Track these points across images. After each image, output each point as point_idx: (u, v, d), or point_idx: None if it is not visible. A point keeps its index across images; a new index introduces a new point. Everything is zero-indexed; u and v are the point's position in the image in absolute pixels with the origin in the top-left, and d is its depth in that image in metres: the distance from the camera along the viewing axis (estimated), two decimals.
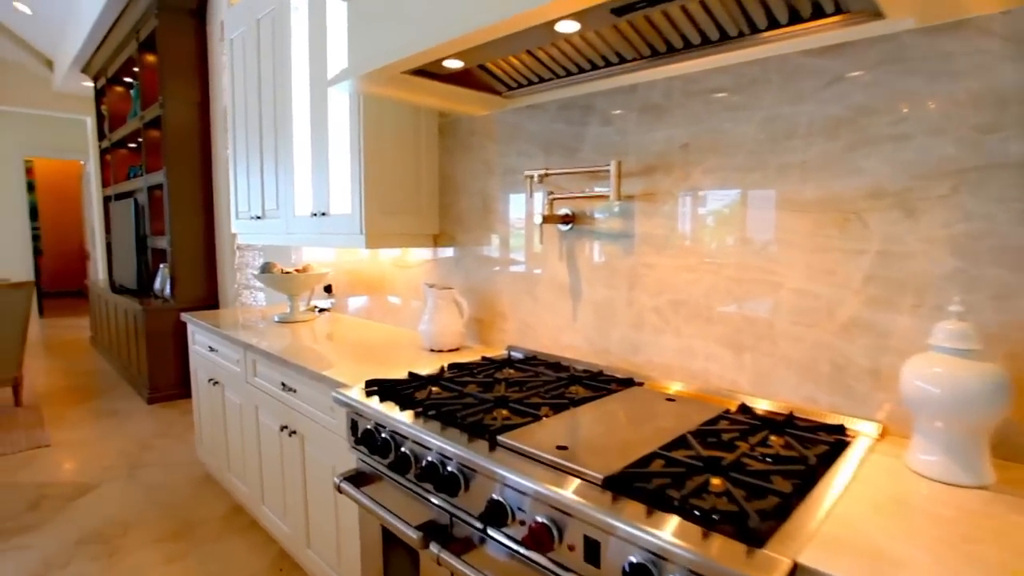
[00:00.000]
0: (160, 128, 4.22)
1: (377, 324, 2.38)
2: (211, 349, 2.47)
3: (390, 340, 2.04)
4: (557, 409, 1.22)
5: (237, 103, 2.68)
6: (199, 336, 2.63)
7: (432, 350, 1.83)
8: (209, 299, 4.37)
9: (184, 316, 2.67)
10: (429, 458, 1.12)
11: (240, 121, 2.66)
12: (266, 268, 2.49)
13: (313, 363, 1.68)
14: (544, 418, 1.16)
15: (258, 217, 2.54)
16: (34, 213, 9.43)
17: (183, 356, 4.25)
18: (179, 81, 4.14)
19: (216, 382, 2.43)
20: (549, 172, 1.61)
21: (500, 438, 1.05)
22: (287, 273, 2.44)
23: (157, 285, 4.63)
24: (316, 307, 2.77)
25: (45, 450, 3.27)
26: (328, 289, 2.75)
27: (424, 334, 1.82)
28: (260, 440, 2.08)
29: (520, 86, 1.62)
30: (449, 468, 1.07)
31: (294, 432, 1.80)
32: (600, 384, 1.41)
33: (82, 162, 8.21)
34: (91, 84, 6.49)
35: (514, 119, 1.76)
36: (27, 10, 5.56)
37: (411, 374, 1.47)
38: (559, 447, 1.00)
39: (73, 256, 10.12)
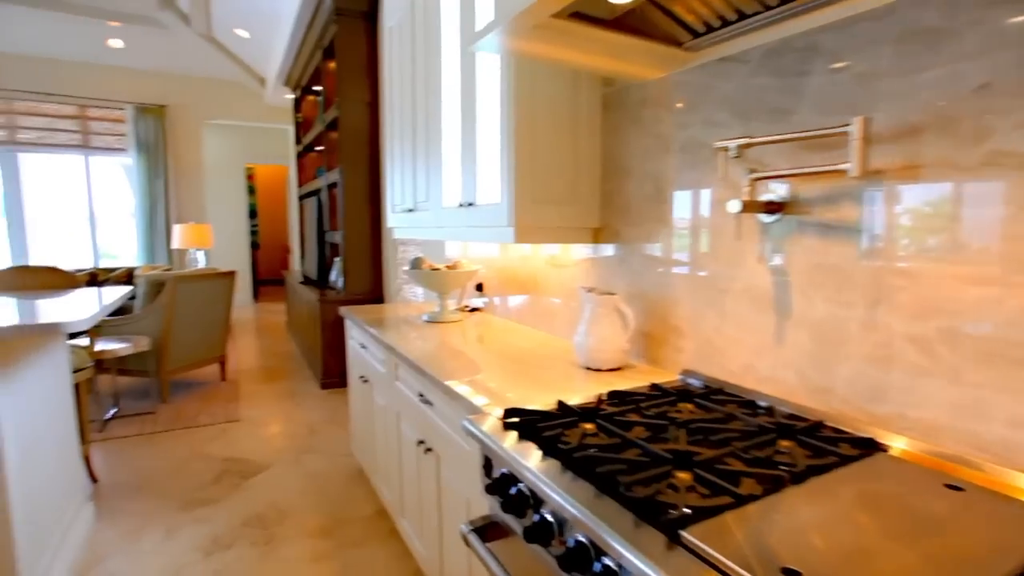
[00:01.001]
0: (337, 129, 4.46)
1: (529, 330, 2.13)
2: (362, 346, 2.43)
3: (542, 351, 1.77)
4: (767, 484, 0.83)
5: (394, 90, 2.61)
6: (354, 331, 2.62)
7: (588, 368, 1.52)
8: (375, 292, 4.53)
9: (342, 310, 2.69)
10: (578, 537, 0.81)
11: (396, 109, 2.59)
12: (416, 264, 2.38)
13: (451, 374, 1.47)
14: (749, 501, 0.78)
15: (410, 210, 2.44)
16: (253, 212, 10.97)
17: None
18: (353, 82, 4.33)
19: (366, 380, 2.39)
20: (752, 141, 1.19)
21: (685, 534, 0.70)
22: (435, 270, 2.30)
23: (333, 277, 4.94)
24: (468, 306, 2.62)
25: (235, 425, 3.59)
26: (480, 288, 2.58)
27: (579, 348, 1.52)
28: (401, 449, 1.95)
29: (710, 30, 1.22)
30: (606, 561, 0.75)
31: (430, 449, 1.61)
32: (824, 444, 0.98)
33: (287, 166, 9.30)
34: (291, 96, 7.26)
35: (700, 79, 1.36)
36: (245, 34, 6.31)
37: (561, 405, 1.16)
38: (786, 571, 0.62)
39: (280, 249, 11.60)
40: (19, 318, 1.60)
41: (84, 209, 6.97)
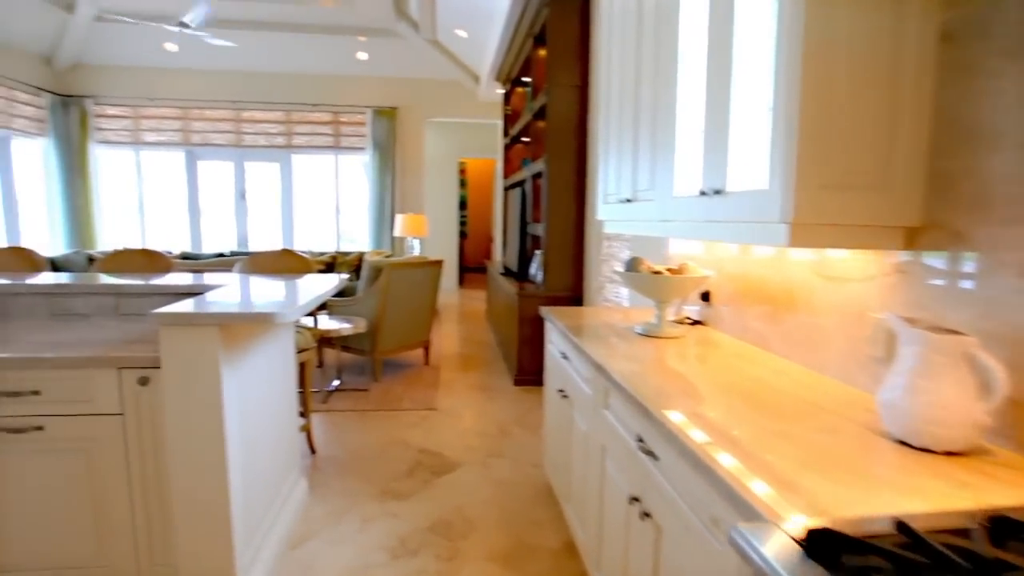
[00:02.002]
0: (544, 117, 4.28)
1: (778, 360, 1.62)
2: (563, 356, 2.15)
3: (809, 395, 1.28)
4: None
5: (611, 67, 2.26)
6: (553, 335, 2.35)
7: (905, 443, 1.00)
8: (575, 290, 4.27)
9: (543, 311, 2.44)
10: None
11: (613, 87, 2.23)
12: (632, 265, 2.01)
13: (684, 419, 1.08)
14: None
15: (627, 200, 2.08)
16: (463, 203, 11.66)
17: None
18: (562, 67, 4.09)
19: (565, 395, 2.10)
20: None
21: None
22: (657, 273, 1.90)
23: (532, 270, 4.81)
24: (688, 318, 2.17)
25: (432, 414, 3.62)
26: (705, 296, 2.11)
27: (890, 408, 1.00)
28: (603, 494, 1.61)
29: None
30: None
31: (648, 515, 1.24)
32: None
33: (495, 159, 9.63)
34: (501, 90, 7.39)
35: None
36: (464, 34, 6.54)
37: (902, 527, 0.69)
38: None
39: (485, 238, 12.17)
40: (243, 305, 1.60)
41: (331, 201, 7.97)
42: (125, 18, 5.96)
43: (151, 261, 2.77)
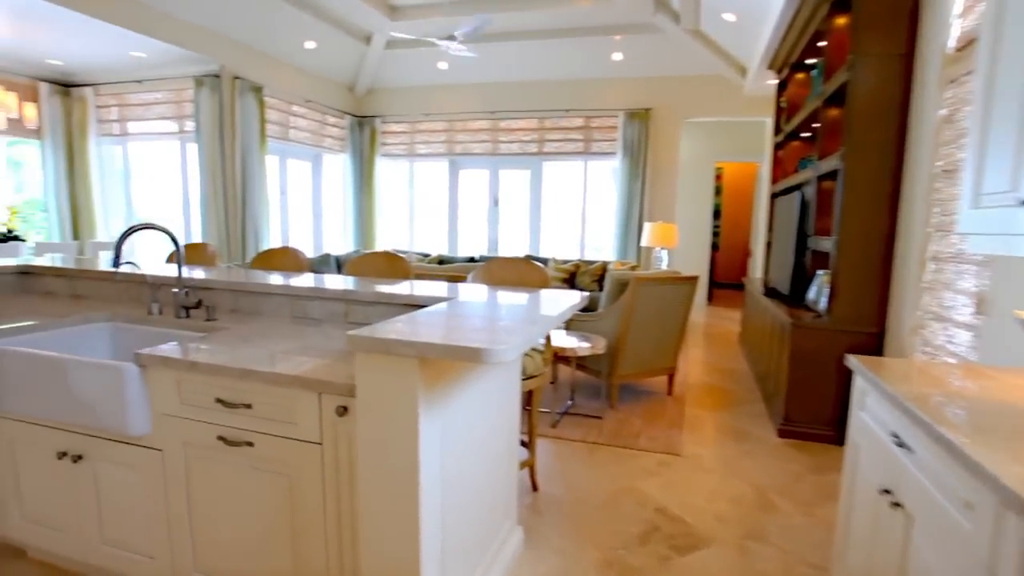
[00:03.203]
0: (841, 101, 3.32)
1: None
2: (896, 440, 1.39)
3: None
4: None
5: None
6: (874, 404, 1.59)
7: None
8: (874, 325, 3.22)
9: (852, 362, 1.69)
10: None
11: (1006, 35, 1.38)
12: None
13: None
14: None
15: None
16: (716, 212, 10.57)
17: (834, 390, 3.30)
18: (876, 31, 3.10)
19: (898, 503, 1.35)
20: None
21: None
22: None
23: (811, 295, 3.84)
24: None
25: (674, 461, 3.04)
26: None
27: None
28: None
29: None
30: None
31: None
32: None
33: (757, 163, 8.44)
34: (774, 80, 6.31)
35: None
36: (732, 18, 5.74)
37: None
38: None
39: (739, 251, 10.87)
40: (450, 334, 1.30)
41: (578, 208, 7.86)
42: (409, 35, 6.64)
43: (391, 265, 2.77)
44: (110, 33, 5.37)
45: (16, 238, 6.04)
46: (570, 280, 6.69)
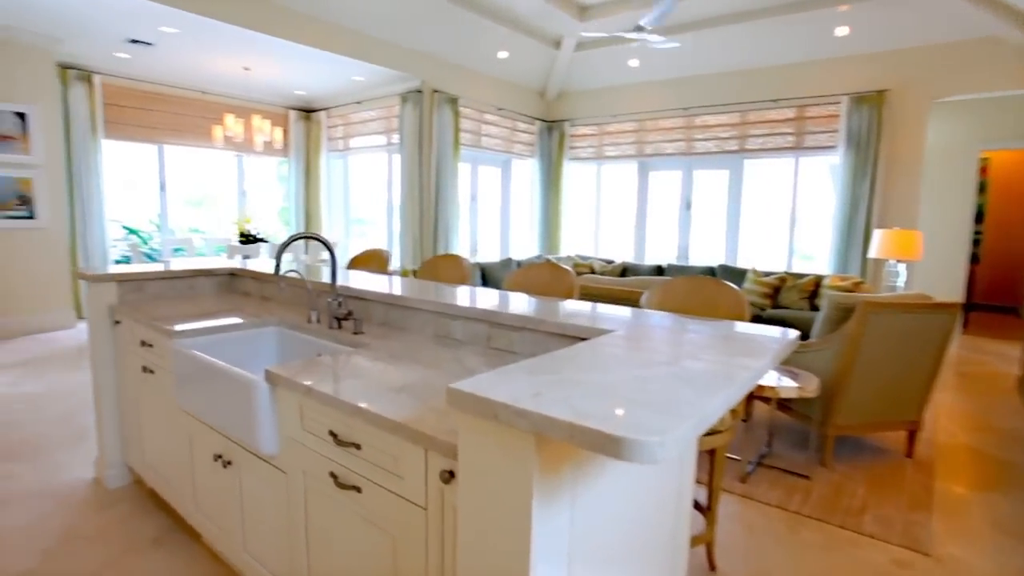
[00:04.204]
0: None
1: None
2: None
3: None
4: None
5: None
6: None
7: None
8: None
9: None
10: None
11: None
12: None
13: None
14: None
15: None
16: (979, 216, 8.37)
17: None
18: None
19: None
20: None
21: None
22: None
23: None
24: None
25: (920, 561, 2.22)
26: None
27: None
28: None
29: None
30: None
31: None
32: None
33: None
34: None
35: None
36: None
37: None
38: None
39: (1011, 264, 8.47)
40: (586, 408, 0.92)
41: (786, 211, 6.78)
42: (600, 33, 6.32)
43: (555, 279, 2.44)
44: (338, 63, 6.10)
45: (260, 240, 7.09)
46: (772, 296, 5.74)
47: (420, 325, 2.02)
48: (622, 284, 3.66)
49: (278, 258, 1.98)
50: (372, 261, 3.44)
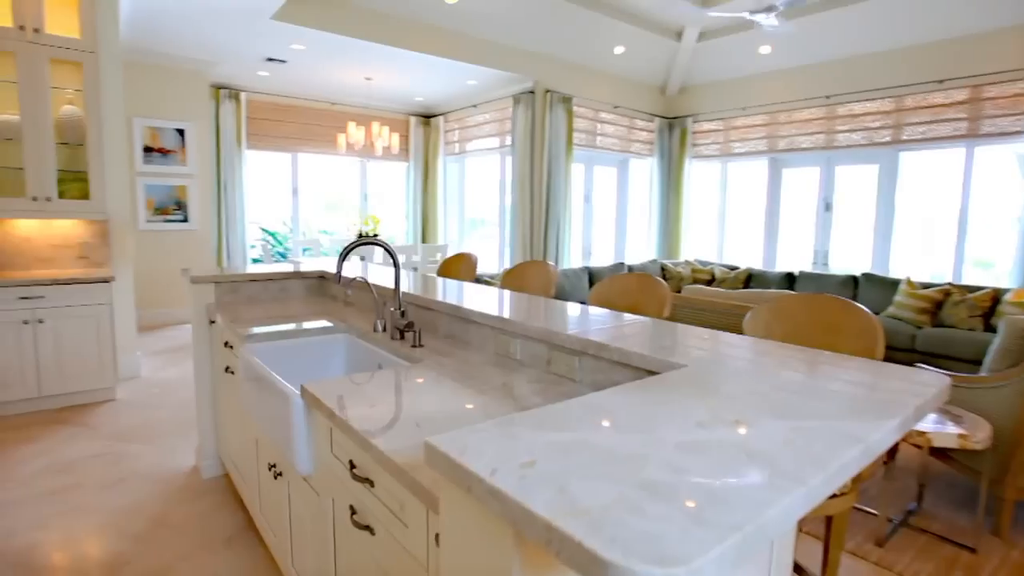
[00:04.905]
0: None
1: None
2: None
3: None
4: None
5: None
6: None
7: None
8: None
9: None
10: None
11: None
12: None
13: None
14: None
15: None
16: None
17: None
18: None
19: None
20: None
21: None
22: None
23: None
24: None
25: None
26: None
27: None
28: None
29: None
30: None
31: None
32: None
33: None
34: None
35: None
36: None
37: None
38: None
39: None
40: (623, 479, 0.68)
41: (953, 210, 5.70)
42: (727, 12, 5.77)
43: (644, 290, 2.14)
44: (451, 68, 6.18)
45: (376, 242, 7.43)
46: (933, 312, 4.82)
47: (482, 341, 1.85)
48: (731, 297, 3.21)
49: (340, 264, 1.91)
50: (459, 267, 3.34)
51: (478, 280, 4.59)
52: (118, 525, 2.28)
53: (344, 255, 1.90)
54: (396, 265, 2.01)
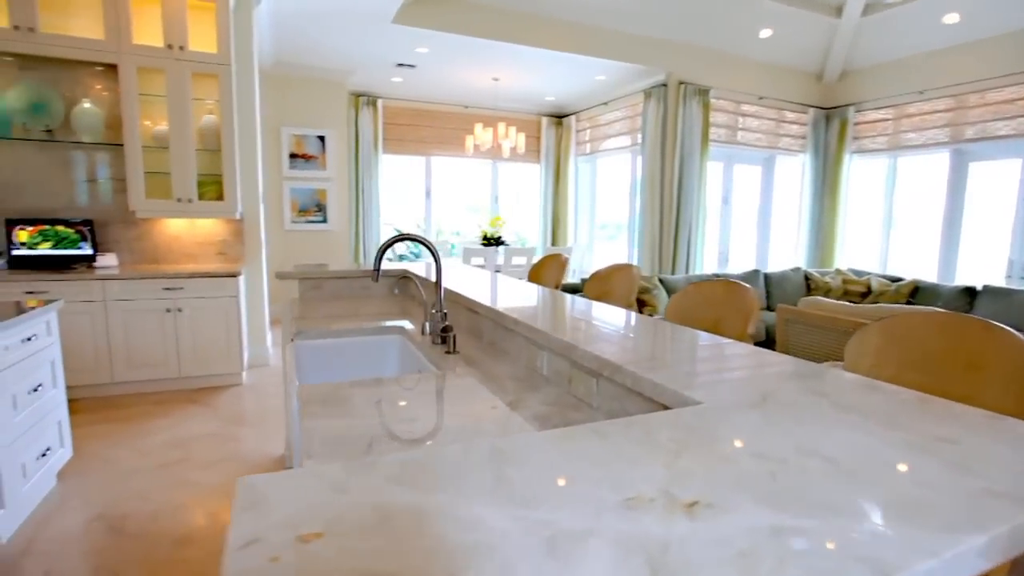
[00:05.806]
0: None
1: None
2: None
3: None
4: None
5: None
6: None
7: None
8: None
9: None
10: None
11: None
12: None
13: None
14: None
15: None
16: None
17: None
18: None
19: None
20: None
21: None
22: None
23: None
24: None
25: None
26: None
27: None
28: None
29: None
30: None
31: None
32: None
33: None
34: None
35: None
36: None
37: None
38: None
39: None
40: None
41: None
42: None
43: (729, 299, 1.78)
44: (578, 63, 5.98)
45: (501, 243, 7.47)
46: None
47: (517, 351, 1.65)
48: (853, 313, 2.60)
49: (378, 260, 1.84)
50: (549, 270, 3.15)
51: (561, 286, 4.34)
52: (201, 506, 2.45)
53: (382, 251, 1.82)
54: (437, 262, 1.88)
